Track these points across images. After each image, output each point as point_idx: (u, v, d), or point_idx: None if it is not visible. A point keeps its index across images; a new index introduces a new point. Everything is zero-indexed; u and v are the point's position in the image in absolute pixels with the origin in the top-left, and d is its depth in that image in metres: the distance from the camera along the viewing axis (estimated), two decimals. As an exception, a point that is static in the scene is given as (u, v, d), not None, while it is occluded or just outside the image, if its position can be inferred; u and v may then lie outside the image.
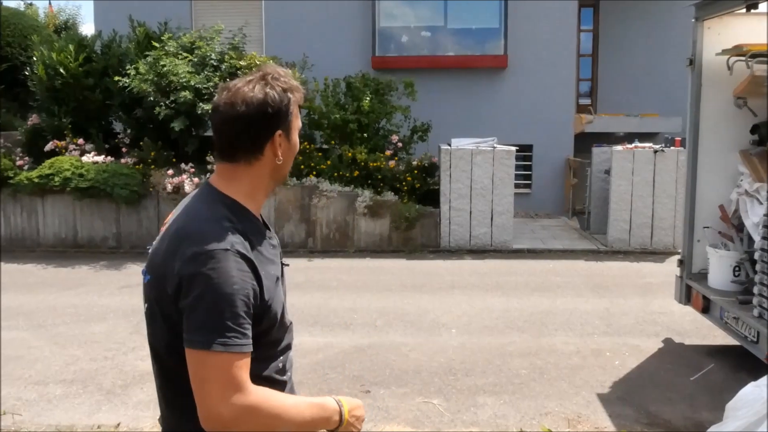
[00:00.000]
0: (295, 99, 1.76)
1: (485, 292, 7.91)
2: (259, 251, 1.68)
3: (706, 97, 5.73)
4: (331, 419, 1.71)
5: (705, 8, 5.55)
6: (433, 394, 5.02)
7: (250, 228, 1.69)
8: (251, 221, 1.72)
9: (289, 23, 13.44)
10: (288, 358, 1.84)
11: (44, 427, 4.49)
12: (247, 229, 1.67)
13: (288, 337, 1.83)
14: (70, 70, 10.79)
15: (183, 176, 10.30)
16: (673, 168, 10.11)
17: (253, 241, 1.67)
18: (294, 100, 1.75)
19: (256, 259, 1.63)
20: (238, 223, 1.65)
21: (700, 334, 6.34)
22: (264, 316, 1.65)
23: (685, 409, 4.76)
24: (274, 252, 1.78)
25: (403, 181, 10.65)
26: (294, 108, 1.76)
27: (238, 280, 1.56)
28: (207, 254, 1.56)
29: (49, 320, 6.89)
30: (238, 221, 1.66)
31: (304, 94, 1.82)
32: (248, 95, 1.68)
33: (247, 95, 1.68)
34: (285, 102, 1.72)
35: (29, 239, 10.85)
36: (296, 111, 1.78)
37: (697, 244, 5.92)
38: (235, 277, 1.55)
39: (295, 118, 1.78)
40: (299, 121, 1.81)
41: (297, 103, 1.77)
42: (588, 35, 15.36)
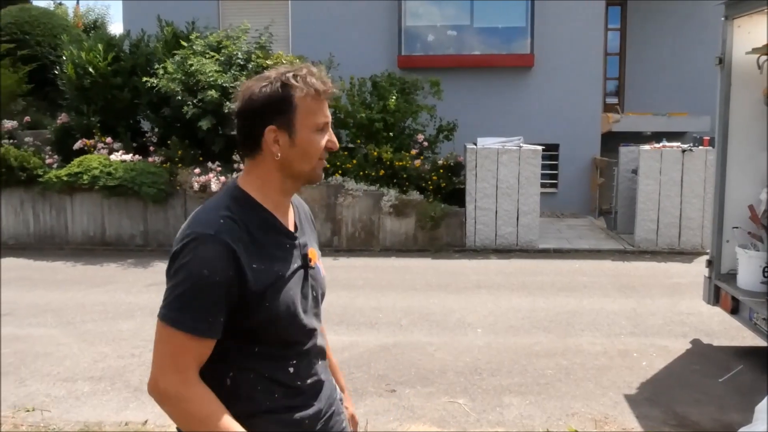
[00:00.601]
0: (301, 95, 1.71)
1: (511, 292, 7.88)
2: (259, 245, 1.69)
3: (736, 96, 5.66)
4: None
5: (735, 6, 5.48)
6: (458, 393, 5.01)
7: (255, 221, 1.71)
8: (259, 215, 1.73)
9: (316, 22, 13.48)
10: (306, 365, 1.81)
11: (72, 424, 4.54)
12: (249, 222, 1.69)
13: (307, 342, 1.80)
14: (98, 70, 10.92)
15: (210, 175, 10.37)
16: (701, 167, 9.99)
17: (255, 234, 1.68)
18: (300, 96, 1.71)
19: (247, 251, 1.64)
20: (239, 214, 1.68)
21: (728, 335, 6.26)
22: (256, 309, 1.65)
23: (714, 410, 4.70)
24: (287, 251, 1.77)
25: (428, 181, 10.64)
26: (301, 104, 1.71)
27: (211, 266, 1.59)
28: (191, 236, 1.63)
29: (78, 317, 6.97)
30: (240, 213, 1.69)
31: (326, 90, 1.75)
32: (245, 92, 1.74)
33: (244, 92, 1.75)
34: (279, 97, 1.71)
35: (58, 237, 11.00)
36: (310, 107, 1.72)
37: (725, 245, 5.85)
38: (210, 262, 1.59)
39: (305, 114, 1.72)
40: (316, 118, 1.74)
41: (310, 99, 1.72)
42: (615, 34, 15.22)
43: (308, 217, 2.01)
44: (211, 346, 1.64)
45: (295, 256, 1.78)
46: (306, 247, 1.84)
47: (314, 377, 1.83)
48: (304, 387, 1.79)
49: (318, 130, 1.74)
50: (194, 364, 1.62)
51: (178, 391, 1.61)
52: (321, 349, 1.88)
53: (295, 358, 1.77)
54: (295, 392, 1.77)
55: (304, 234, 1.87)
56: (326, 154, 1.79)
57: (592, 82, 13.52)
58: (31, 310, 7.20)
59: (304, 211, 1.99)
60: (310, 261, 1.84)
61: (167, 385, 1.61)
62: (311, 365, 1.82)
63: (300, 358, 1.78)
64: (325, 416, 1.86)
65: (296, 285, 1.76)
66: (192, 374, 1.62)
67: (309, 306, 1.81)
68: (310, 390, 1.81)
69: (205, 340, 1.61)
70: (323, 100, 1.75)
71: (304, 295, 1.79)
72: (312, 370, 1.82)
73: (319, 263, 1.90)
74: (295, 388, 1.76)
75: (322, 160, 1.78)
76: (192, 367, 1.62)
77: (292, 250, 1.78)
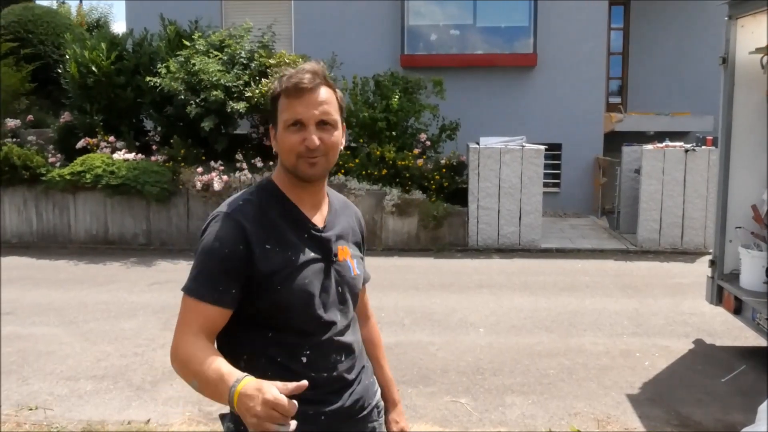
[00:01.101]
0: (279, 94, 1.79)
1: (513, 292, 7.88)
2: (276, 228, 1.77)
3: (739, 96, 5.65)
4: (223, 396, 1.54)
5: (738, 6, 5.47)
6: (460, 393, 5.01)
7: (276, 208, 1.81)
8: (281, 203, 1.82)
9: (319, 22, 13.48)
10: (322, 358, 1.81)
11: (75, 423, 4.54)
12: (270, 207, 1.80)
13: (322, 334, 1.81)
14: (102, 69, 10.94)
15: (212, 174, 10.38)
16: (704, 167, 9.98)
17: (273, 219, 1.78)
18: (280, 95, 1.79)
19: (261, 230, 1.74)
20: (262, 200, 1.80)
21: (731, 336, 6.26)
22: (267, 291, 1.72)
23: (716, 410, 4.70)
24: (305, 240, 1.81)
25: (431, 180, 10.64)
26: (280, 102, 1.79)
27: (222, 239, 1.71)
28: (212, 216, 1.79)
29: (80, 316, 6.98)
30: (263, 199, 1.81)
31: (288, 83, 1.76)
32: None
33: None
34: (270, 97, 1.84)
35: (61, 236, 11.01)
36: (283, 104, 1.78)
37: (728, 245, 5.84)
38: (221, 236, 1.72)
39: (281, 112, 1.79)
40: (286, 115, 1.77)
41: (284, 97, 1.77)
42: (618, 33, 15.21)
43: (353, 220, 2.05)
44: (221, 314, 1.71)
45: (315, 247, 1.82)
46: (332, 242, 1.87)
47: (333, 372, 1.83)
48: (318, 380, 1.78)
49: (289, 126, 1.76)
50: (199, 326, 1.69)
51: (177, 344, 1.69)
52: (344, 345, 1.87)
53: (309, 348, 1.78)
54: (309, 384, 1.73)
55: (335, 231, 1.90)
56: (313, 153, 1.76)
57: (595, 81, 13.51)
58: (34, 309, 7.21)
59: (349, 214, 2.04)
60: (336, 256, 1.87)
61: (174, 344, 1.70)
62: (328, 359, 1.82)
63: (314, 349, 1.79)
64: (349, 418, 1.86)
65: (314, 276, 1.79)
66: (194, 332, 1.68)
67: (330, 300, 1.83)
68: (327, 385, 1.81)
69: (213, 307, 1.69)
70: (297, 98, 1.75)
71: (325, 287, 1.82)
72: (329, 365, 1.82)
73: (351, 261, 1.93)
74: (308, 379, 1.71)
75: (305, 158, 1.76)
76: (195, 328, 1.69)
77: (311, 241, 1.82)
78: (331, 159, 1.82)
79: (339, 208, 1.97)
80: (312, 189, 1.85)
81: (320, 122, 1.77)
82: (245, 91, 10.16)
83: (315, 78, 1.76)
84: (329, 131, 1.79)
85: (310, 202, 1.86)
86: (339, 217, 1.94)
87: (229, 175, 10.41)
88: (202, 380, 1.60)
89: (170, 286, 8.08)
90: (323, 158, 1.79)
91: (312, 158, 1.77)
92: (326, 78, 1.81)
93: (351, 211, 2.06)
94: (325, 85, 1.80)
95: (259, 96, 10.01)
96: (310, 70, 1.77)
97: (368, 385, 1.98)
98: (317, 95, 1.77)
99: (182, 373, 1.68)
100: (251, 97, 10.07)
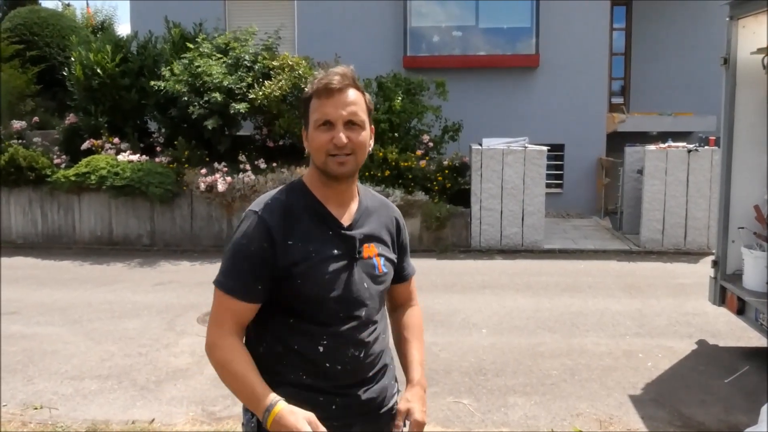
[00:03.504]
0: (311, 96, 1.88)
1: (516, 292, 7.89)
2: (300, 224, 1.86)
3: (741, 96, 5.65)
4: (256, 411, 1.76)
5: (740, 7, 5.48)
6: (463, 393, 5.03)
7: (302, 205, 1.89)
8: (308, 201, 1.90)
9: (321, 23, 13.50)
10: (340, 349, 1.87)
11: (80, 422, 4.56)
12: (296, 204, 1.88)
13: (340, 326, 1.87)
14: (106, 71, 10.98)
15: (216, 175, 10.41)
16: (707, 168, 9.98)
17: (298, 215, 1.87)
18: (311, 97, 1.88)
19: (286, 227, 1.83)
20: (290, 197, 1.90)
21: (734, 336, 6.26)
22: (287, 284, 1.82)
23: (720, 411, 4.71)
24: (329, 236, 1.88)
25: (434, 181, 10.65)
26: (311, 103, 1.88)
27: (249, 237, 1.83)
28: (245, 214, 1.90)
29: (85, 316, 7.01)
30: (291, 196, 1.90)
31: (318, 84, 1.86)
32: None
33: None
34: (302, 99, 1.93)
35: (66, 236, 11.05)
36: (314, 105, 1.87)
37: (731, 245, 5.84)
38: (248, 234, 1.83)
39: (311, 113, 1.88)
40: (316, 115, 1.86)
41: (315, 98, 1.87)
42: (621, 34, 15.21)
43: (389, 221, 2.08)
44: (250, 308, 1.84)
45: (339, 244, 1.89)
46: (357, 240, 1.92)
47: (348, 367, 1.88)
48: (334, 371, 1.86)
49: (319, 126, 1.85)
50: (232, 321, 1.83)
51: (214, 341, 1.83)
52: (364, 342, 1.91)
53: (327, 338, 1.85)
54: (323, 374, 1.86)
55: (362, 229, 1.95)
56: (342, 151, 1.84)
57: (597, 82, 13.51)
58: (39, 309, 7.24)
59: (385, 214, 2.08)
60: (360, 253, 1.92)
61: (209, 337, 1.85)
62: (346, 352, 1.87)
63: (332, 339, 1.86)
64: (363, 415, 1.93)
65: (335, 272, 1.85)
66: (228, 328, 1.83)
67: (353, 296, 1.88)
68: (341, 377, 1.87)
69: (241, 302, 1.82)
70: (327, 98, 1.84)
71: (347, 284, 1.87)
72: (346, 358, 1.87)
73: (377, 260, 1.96)
74: (323, 368, 1.85)
75: (334, 157, 1.84)
76: (229, 323, 1.83)
77: (336, 238, 1.89)
78: (359, 158, 1.88)
79: (372, 207, 2.02)
80: (340, 188, 1.91)
81: (348, 122, 1.84)
82: (248, 93, 10.19)
83: (344, 80, 1.84)
84: (357, 131, 1.86)
85: (337, 201, 1.92)
86: (370, 217, 2.00)
87: (233, 176, 10.43)
88: (237, 391, 1.80)
89: (174, 287, 8.11)
90: (352, 157, 1.86)
91: (341, 157, 1.84)
92: (355, 81, 1.88)
93: (387, 211, 2.10)
94: (354, 88, 1.87)
95: (262, 98, 10.04)
96: (339, 73, 1.85)
97: (387, 386, 2.00)
98: (346, 96, 1.84)
99: (217, 371, 1.83)
100: (254, 99, 10.10)
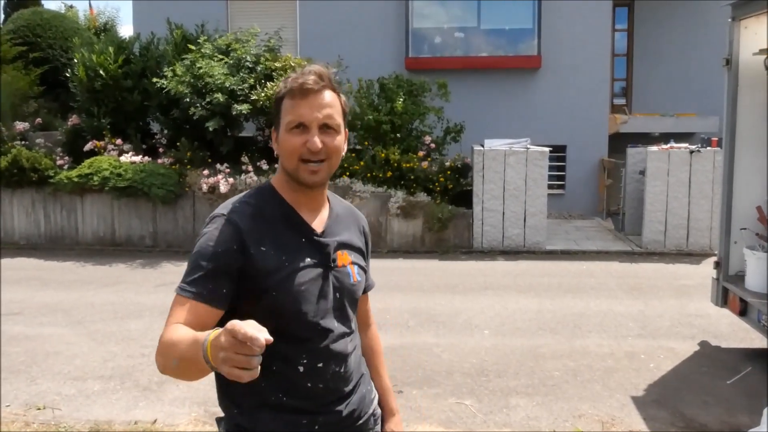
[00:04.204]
0: (283, 95, 1.76)
1: (518, 294, 7.89)
2: (272, 231, 1.73)
3: (743, 97, 5.65)
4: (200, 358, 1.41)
5: (742, 8, 5.48)
6: (465, 395, 5.03)
7: (273, 211, 1.76)
8: (279, 206, 1.78)
9: (324, 25, 13.52)
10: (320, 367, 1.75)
11: (83, 423, 4.57)
12: (266, 210, 1.76)
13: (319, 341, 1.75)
14: (109, 72, 11.00)
15: (218, 176, 10.43)
16: (709, 168, 9.98)
17: (270, 221, 1.74)
18: (283, 97, 1.76)
19: (257, 232, 1.70)
20: (259, 202, 1.77)
21: (737, 337, 6.26)
22: (261, 295, 1.67)
23: (722, 412, 4.70)
24: (302, 244, 1.76)
25: (435, 182, 10.66)
26: (283, 104, 1.75)
27: (215, 238, 1.67)
28: (210, 218, 1.75)
29: (88, 317, 7.02)
30: (260, 201, 1.77)
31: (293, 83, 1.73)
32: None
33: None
34: (275, 98, 1.80)
35: (68, 237, 11.07)
36: (286, 106, 1.74)
37: (734, 246, 5.84)
38: (215, 236, 1.67)
39: (283, 114, 1.75)
40: (288, 117, 1.73)
41: (288, 98, 1.74)
42: (623, 35, 15.21)
43: (357, 227, 2.00)
44: (211, 313, 1.63)
45: (313, 252, 1.77)
46: (331, 248, 1.81)
47: (330, 383, 1.77)
48: (316, 390, 1.74)
49: (292, 128, 1.72)
50: (181, 316, 1.61)
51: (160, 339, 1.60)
52: (342, 354, 1.80)
53: (307, 357, 1.73)
54: (304, 394, 1.73)
55: (335, 236, 1.84)
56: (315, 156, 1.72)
57: (599, 83, 13.52)
58: (42, 310, 7.25)
59: (353, 220, 1.98)
60: (335, 262, 1.81)
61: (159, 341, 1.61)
62: (327, 368, 1.76)
63: (312, 357, 1.73)
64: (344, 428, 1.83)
65: (311, 281, 1.74)
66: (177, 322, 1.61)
67: (328, 306, 1.77)
68: (324, 395, 1.77)
69: (202, 305, 1.62)
70: (301, 99, 1.71)
71: (322, 294, 1.76)
72: (327, 374, 1.76)
73: (351, 268, 1.86)
74: (304, 388, 1.73)
75: (307, 164, 1.73)
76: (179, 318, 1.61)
77: (309, 246, 1.77)
78: (332, 164, 1.77)
79: (341, 213, 1.92)
80: (312, 193, 1.81)
81: (323, 125, 1.72)
82: (251, 94, 10.20)
83: (320, 80, 1.72)
84: (332, 135, 1.74)
85: (309, 207, 1.82)
86: (340, 223, 1.89)
87: (235, 177, 10.45)
88: (182, 355, 1.50)
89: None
90: (325, 164, 1.74)
91: (314, 165, 1.72)
92: (332, 81, 1.76)
93: (354, 217, 2.01)
94: (330, 89, 1.75)
95: (264, 99, 10.05)
96: (316, 72, 1.73)
97: (365, 394, 1.92)
98: (322, 98, 1.72)
99: (163, 361, 1.58)
100: (256, 100, 10.12)
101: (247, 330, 1.27)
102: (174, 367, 1.55)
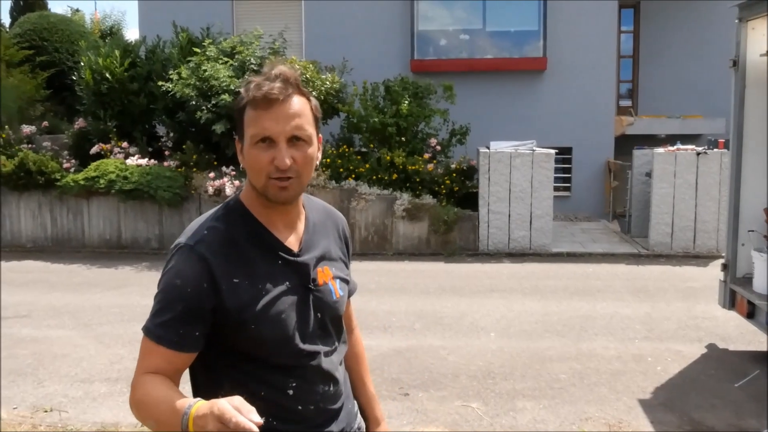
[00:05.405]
0: (246, 104, 1.57)
1: (524, 296, 7.88)
2: (245, 258, 1.59)
3: (750, 99, 5.63)
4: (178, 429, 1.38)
5: (749, 9, 5.46)
6: (471, 397, 5.02)
7: (244, 233, 1.61)
8: (250, 227, 1.63)
9: (329, 27, 13.52)
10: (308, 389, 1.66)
11: (89, 425, 4.58)
12: (237, 234, 1.60)
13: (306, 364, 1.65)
14: (115, 75, 11.05)
15: (224, 179, 10.44)
16: (716, 170, 9.94)
17: (242, 247, 1.59)
18: (246, 106, 1.57)
19: (227, 263, 1.55)
20: (228, 225, 1.61)
21: (744, 340, 6.23)
22: (239, 329, 1.56)
23: (730, 415, 4.68)
24: (278, 267, 1.63)
25: (441, 184, 10.65)
26: (246, 113, 1.57)
27: (184, 276, 1.54)
28: (175, 246, 1.60)
29: (94, 319, 7.04)
30: (229, 224, 1.61)
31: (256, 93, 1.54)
32: None
33: None
34: (237, 107, 1.61)
35: (75, 240, 11.10)
36: (250, 117, 1.56)
37: (741, 248, 5.82)
38: (183, 273, 1.54)
39: (247, 125, 1.57)
40: (253, 129, 1.55)
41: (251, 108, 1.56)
42: (628, 36, 15.18)
43: (335, 232, 1.84)
44: (183, 358, 1.57)
45: (290, 275, 1.63)
46: (310, 267, 1.68)
47: (320, 404, 1.68)
48: (306, 413, 1.65)
49: (257, 142, 1.54)
50: (159, 371, 1.55)
51: (134, 387, 1.55)
52: (329, 374, 1.70)
53: (295, 380, 1.63)
54: (294, 418, 1.64)
55: (313, 252, 1.70)
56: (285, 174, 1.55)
57: (605, 84, 13.49)
58: (49, 312, 7.27)
59: (330, 225, 1.83)
60: (315, 281, 1.68)
61: (131, 388, 1.56)
62: (315, 390, 1.67)
63: (300, 380, 1.64)
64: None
65: (290, 307, 1.62)
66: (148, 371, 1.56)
67: (311, 330, 1.66)
68: (314, 417, 1.68)
69: (175, 352, 1.55)
70: (266, 110, 1.54)
71: (303, 318, 1.64)
72: (317, 396, 1.67)
73: (332, 284, 1.73)
74: (294, 412, 1.64)
75: (275, 180, 1.56)
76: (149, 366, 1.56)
77: (285, 268, 1.63)
78: (304, 179, 1.60)
79: (318, 221, 1.77)
80: (284, 209, 1.65)
81: (293, 138, 1.55)
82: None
83: (286, 87, 1.54)
84: (302, 148, 1.57)
85: (283, 222, 1.66)
86: (318, 234, 1.74)
87: (241, 180, 10.46)
88: (158, 419, 1.45)
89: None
90: (296, 180, 1.57)
91: (284, 181, 1.56)
92: (299, 86, 1.58)
93: (333, 220, 1.85)
94: (298, 94, 1.58)
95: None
96: (281, 77, 1.55)
97: (350, 410, 1.83)
98: (289, 107, 1.54)
99: (139, 415, 1.53)
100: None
101: (239, 419, 1.25)
102: (151, 426, 1.51)
